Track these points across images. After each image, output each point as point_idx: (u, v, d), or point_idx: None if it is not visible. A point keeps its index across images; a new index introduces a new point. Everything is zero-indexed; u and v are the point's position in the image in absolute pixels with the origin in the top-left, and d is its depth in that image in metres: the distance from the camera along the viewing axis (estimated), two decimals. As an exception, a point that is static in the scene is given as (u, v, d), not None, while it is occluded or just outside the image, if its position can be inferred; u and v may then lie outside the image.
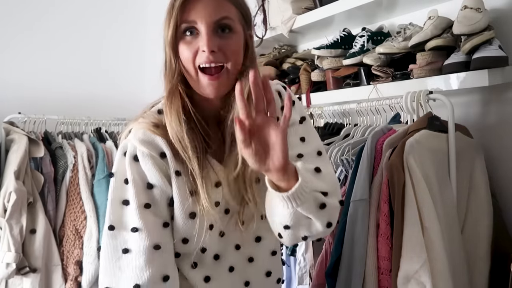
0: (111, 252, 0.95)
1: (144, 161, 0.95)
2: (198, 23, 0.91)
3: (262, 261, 1.07)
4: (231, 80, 0.94)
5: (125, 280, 0.93)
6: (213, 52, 0.90)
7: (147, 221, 0.94)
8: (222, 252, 1.03)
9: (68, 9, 2.67)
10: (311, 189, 0.85)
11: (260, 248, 1.06)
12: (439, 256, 1.20)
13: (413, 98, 1.45)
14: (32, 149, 2.12)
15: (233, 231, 1.02)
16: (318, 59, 1.95)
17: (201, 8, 0.91)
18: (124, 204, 0.95)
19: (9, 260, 1.95)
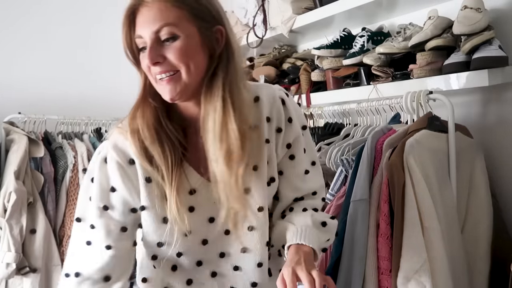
0: (78, 241, 1.02)
1: (110, 164, 0.98)
2: (144, 37, 0.92)
3: (248, 271, 1.05)
4: (190, 82, 0.92)
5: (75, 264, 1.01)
6: (158, 64, 0.91)
7: (103, 222, 0.98)
8: (205, 258, 1.04)
9: (69, 9, 2.67)
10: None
11: (246, 258, 1.04)
12: (439, 256, 1.20)
13: (413, 98, 1.45)
14: (32, 149, 2.12)
15: (219, 239, 1.02)
16: (318, 59, 1.95)
17: (142, 21, 0.92)
18: (90, 200, 1.00)
19: (9, 260, 1.95)
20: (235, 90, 0.94)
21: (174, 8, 0.90)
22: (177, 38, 0.90)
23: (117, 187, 0.98)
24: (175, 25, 0.90)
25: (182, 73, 0.91)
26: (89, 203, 1.00)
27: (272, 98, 1.02)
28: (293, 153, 1.06)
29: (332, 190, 1.48)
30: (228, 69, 0.94)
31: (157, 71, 0.91)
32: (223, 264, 1.05)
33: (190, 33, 0.91)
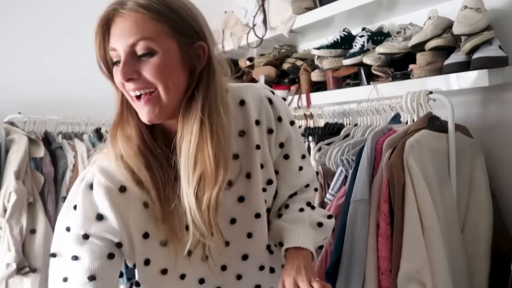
0: (54, 279, 0.92)
1: (97, 190, 0.89)
2: (117, 50, 0.85)
3: (251, 276, 1.04)
4: (168, 102, 0.86)
5: None
6: (132, 80, 0.84)
7: (86, 249, 0.89)
8: (207, 275, 0.99)
9: (68, 9, 2.67)
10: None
11: (248, 265, 1.03)
12: (439, 256, 1.20)
13: (413, 98, 1.45)
14: (32, 149, 2.12)
15: (218, 254, 0.98)
16: (318, 59, 1.95)
17: (117, 33, 0.84)
18: (67, 231, 0.91)
19: (9, 260, 1.95)
20: (215, 113, 0.87)
21: (153, 21, 0.83)
22: (155, 54, 0.83)
23: (106, 215, 0.89)
24: (152, 39, 0.83)
25: (160, 92, 0.84)
26: (68, 234, 0.90)
27: (258, 99, 0.98)
28: (287, 153, 1.05)
29: (332, 190, 1.48)
30: (209, 90, 0.87)
31: (131, 88, 0.84)
32: (226, 276, 1.02)
33: (169, 49, 0.84)
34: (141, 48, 0.83)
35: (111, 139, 0.90)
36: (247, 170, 0.97)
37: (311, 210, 1.08)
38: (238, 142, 0.95)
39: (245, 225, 1.00)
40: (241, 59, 2.53)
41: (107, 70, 0.89)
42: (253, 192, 0.98)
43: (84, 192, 0.90)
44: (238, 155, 0.95)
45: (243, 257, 1.02)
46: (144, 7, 0.83)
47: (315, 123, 1.98)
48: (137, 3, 0.83)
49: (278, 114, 1.00)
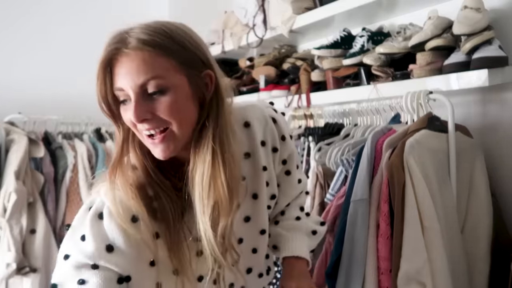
0: None
1: (108, 220, 0.86)
2: (125, 90, 0.82)
3: (252, 285, 1.08)
4: (182, 137, 0.85)
5: None
6: (146, 121, 0.82)
7: (97, 277, 0.85)
8: None
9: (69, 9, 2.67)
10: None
11: (251, 277, 1.07)
12: (439, 256, 1.20)
13: (413, 98, 1.45)
14: (32, 149, 2.12)
15: (228, 274, 0.96)
16: (318, 59, 1.95)
17: (124, 73, 0.81)
18: (71, 261, 0.87)
19: (9, 260, 1.95)
20: (225, 141, 0.87)
21: (160, 58, 0.81)
22: (166, 91, 0.81)
23: (116, 246, 0.86)
24: (162, 77, 0.81)
25: (174, 129, 0.83)
26: (73, 265, 0.86)
27: (263, 120, 0.99)
28: (289, 169, 1.09)
29: (332, 190, 1.48)
30: (218, 119, 0.87)
31: (145, 128, 0.82)
32: None
33: (179, 84, 0.83)
34: (152, 87, 0.81)
35: (112, 178, 0.86)
36: (253, 191, 0.98)
37: (306, 217, 1.13)
38: (244, 164, 0.95)
39: (251, 242, 1.02)
40: (241, 59, 2.53)
41: (108, 109, 0.86)
42: (259, 212, 1.00)
43: (93, 221, 0.86)
44: (244, 177, 0.96)
45: (247, 271, 1.04)
46: (149, 44, 0.80)
47: (315, 123, 1.97)
48: (140, 40, 0.80)
49: (282, 133, 1.03)
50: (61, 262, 0.88)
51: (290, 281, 1.01)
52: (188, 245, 0.90)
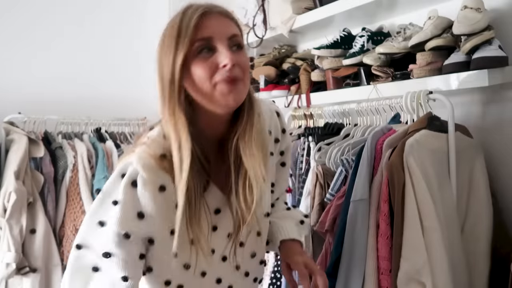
0: (81, 267, 0.93)
1: (143, 188, 0.90)
2: (214, 39, 0.90)
3: (253, 270, 1.11)
4: (245, 93, 0.93)
5: None
6: (234, 66, 0.89)
7: (123, 250, 0.90)
8: (224, 275, 1.04)
9: (68, 9, 2.67)
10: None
11: (253, 261, 1.10)
12: (439, 256, 1.20)
13: (413, 98, 1.45)
14: (32, 149, 2.12)
15: (234, 253, 1.03)
16: (318, 59, 1.95)
17: (216, 25, 0.91)
18: (101, 225, 0.91)
19: (9, 260, 1.95)
20: (261, 117, 1.02)
21: (237, 26, 0.96)
22: (243, 49, 0.93)
23: (147, 213, 0.90)
24: (241, 36, 0.96)
25: (246, 83, 0.93)
26: (102, 229, 0.91)
27: (269, 112, 1.10)
28: (285, 161, 1.19)
29: (332, 190, 1.48)
30: (253, 99, 0.99)
31: (227, 75, 0.88)
32: (238, 275, 1.06)
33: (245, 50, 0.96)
34: (235, 41, 0.92)
35: (174, 128, 0.90)
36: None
37: (293, 208, 1.24)
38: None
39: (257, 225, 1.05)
40: (241, 59, 2.53)
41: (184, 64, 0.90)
42: (265, 194, 1.04)
43: (127, 188, 0.90)
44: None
45: (251, 255, 1.08)
46: (231, 17, 0.96)
47: (315, 123, 1.97)
48: (224, 11, 0.96)
49: (283, 127, 1.15)
50: (90, 225, 0.92)
51: (295, 256, 1.08)
52: (206, 217, 0.94)
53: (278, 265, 1.68)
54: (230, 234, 1.00)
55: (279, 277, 1.67)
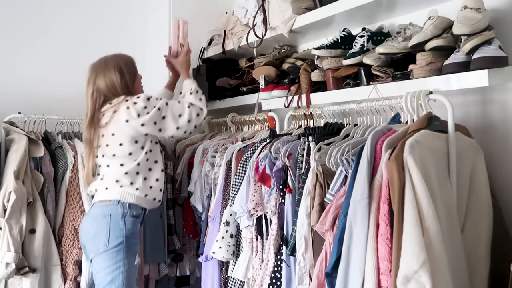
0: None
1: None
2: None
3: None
4: None
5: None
6: None
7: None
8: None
9: (69, 10, 2.67)
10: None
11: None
12: (439, 256, 1.20)
13: (413, 98, 1.45)
14: (32, 149, 2.12)
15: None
16: (318, 59, 1.95)
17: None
18: (148, 99, 1.91)
19: (8, 260, 1.95)
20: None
21: None
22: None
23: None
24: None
25: None
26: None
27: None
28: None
29: (332, 190, 1.47)
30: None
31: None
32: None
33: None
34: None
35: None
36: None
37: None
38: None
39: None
40: (241, 59, 2.53)
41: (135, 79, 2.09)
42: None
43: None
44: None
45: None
46: None
47: (315, 123, 1.97)
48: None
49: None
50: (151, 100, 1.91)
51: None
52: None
53: (278, 265, 1.68)
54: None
55: (279, 277, 1.67)
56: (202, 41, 2.75)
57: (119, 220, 1.84)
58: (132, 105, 1.85)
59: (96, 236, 1.83)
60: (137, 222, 1.89)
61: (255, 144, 2.00)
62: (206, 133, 2.64)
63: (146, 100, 1.86)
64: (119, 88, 1.90)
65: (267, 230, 1.77)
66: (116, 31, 2.76)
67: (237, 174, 1.95)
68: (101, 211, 1.86)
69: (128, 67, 1.95)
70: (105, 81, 1.90)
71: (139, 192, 1.87)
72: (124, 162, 1.86)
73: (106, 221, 1.83)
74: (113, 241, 1.80)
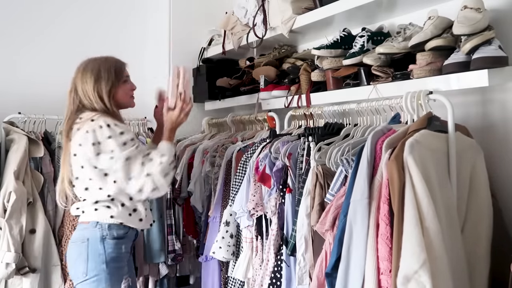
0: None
1: (114, 125, 1.63)
2: (128, 76, 1.79)
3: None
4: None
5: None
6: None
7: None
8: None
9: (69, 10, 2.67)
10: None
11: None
12: (439, 256, 1.19)
13: (413, 98, 1.45)
14: (32, 149, 2.12)
15: None
16: (318, 59, 1.95)
17: (127, 69, 1.80)
18: (121, 134, 1.62)
19: (8, 260, 1.95)
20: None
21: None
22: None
23: (124, 131, 1.69)
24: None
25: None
26: (126, 134, 1.64)
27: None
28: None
29: (332, 190, 1.47)
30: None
31: (133, 91, 1.82)
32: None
33: None
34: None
35: (118, 111, 1.76)
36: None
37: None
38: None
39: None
40: (241, 59, 2.53)
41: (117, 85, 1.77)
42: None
43: (110, 125, 1.62)
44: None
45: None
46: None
47: (315, 123, 1.97)
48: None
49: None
50: (119, 136, 1.62)
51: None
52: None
53: (278, 265, 1.68)
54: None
55: (279, 277, 1.67)
56: (202, 41, 2.75)
57: (97, 244, 1.62)
58: (91, 131, 1.60)
59: (76, 263, 1.64)
60: (122, 243, 1.66)
61: (255, 144, 2.00)
62: (206, 133, 2.64)
63: (107, 138, 1.59)
64: (92, 96, 1.68)
65: (267, 230, 1.77)
66: (116, 31, 2.76)
67: (237, 174, 1.95)
68: (80, 234, 1.66)
69: (108, 72, 1.70)
70: (81, 84, 1.70)
71: (120, 212, 1.64)
72: (90, 186, 1.64)
73: (85, 246, 1.62)
74: (92, 270, 1.60)
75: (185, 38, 2.74)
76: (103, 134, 1.59)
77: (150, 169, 1.60)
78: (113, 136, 1.60)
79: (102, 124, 1.60)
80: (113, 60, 1.75)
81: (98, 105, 1.67)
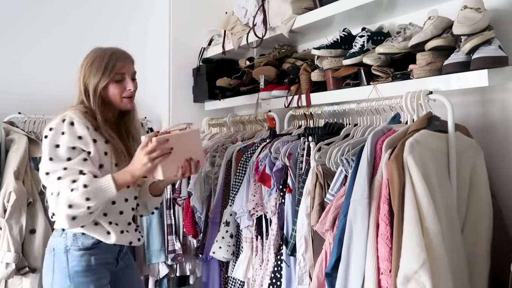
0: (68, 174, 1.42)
1: (78, 124, 1.47)
2: (125, 74, 1.58)
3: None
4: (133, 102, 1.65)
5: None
6: (134, 90, 1.61)
7: (76, 154, 1.45)
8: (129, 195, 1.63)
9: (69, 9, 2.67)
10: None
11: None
12: (439, 256, 1.20)
13: (413, 98, 1.45)
14: (32, 149, 2.12)
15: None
16: (318, 59, 1.95)
17: (127, 66, 1.60)
18: (57, 147, 1.43)
19: (8, 260, 1.95)
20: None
21: (134, 65, 1.64)
22: (135, 79, 1.64)
23: (82, 135, 1.48)
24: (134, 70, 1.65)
25: (134, 95, 1.63)
26: (60, 147, 1.44)
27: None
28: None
29: (332, 190, 1.48)
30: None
31: (130, 94, 1.59)
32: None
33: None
34: (134, 75, 1.64)
35: (100, 112, 1.55)
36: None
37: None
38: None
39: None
40: (241, 59, 2.53)
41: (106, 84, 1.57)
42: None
43: (68, 126, 1.46)
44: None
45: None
46: (133, 60, 1.65)
47: (315, 123, 1.97)
48: (131, 58, 1.64)
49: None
50: (51, 147, 1.44)
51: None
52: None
53: (278, 265, 1.68)
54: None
55: (279, 277, 1.67)
56: (202, 41, 2.75)
57: (62, 256, 1.47)
58: (47, 130, 1.47)
59: (45, 275, 1.51)
60: (90, 255, 1.48)
61: (255, 144, 2.00)
62: (206, 133, 2.64)
63: (52, 146, 1.43)
64: (79, 88, 1.55)
65: (267, 230, 1.77)
66: (116, 31, 2.75)
67: (237, 174, 1.95)
68: (50, 243, 1.54)
69: (98, 66, 1.52)
70: (78, 73, 1.58)
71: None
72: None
73: (51, 257, 1.49)
74: (57, 284, 1.46)
75: (185, 38, 2.74)
76: (51, 139, 1.45)
77: (73, 195, 1.37)
78: (50, 144, 1.43)
79: (56, 125, 1.46)
80: (110, 53, 1.55)
81: (81, 98, 1.55)
